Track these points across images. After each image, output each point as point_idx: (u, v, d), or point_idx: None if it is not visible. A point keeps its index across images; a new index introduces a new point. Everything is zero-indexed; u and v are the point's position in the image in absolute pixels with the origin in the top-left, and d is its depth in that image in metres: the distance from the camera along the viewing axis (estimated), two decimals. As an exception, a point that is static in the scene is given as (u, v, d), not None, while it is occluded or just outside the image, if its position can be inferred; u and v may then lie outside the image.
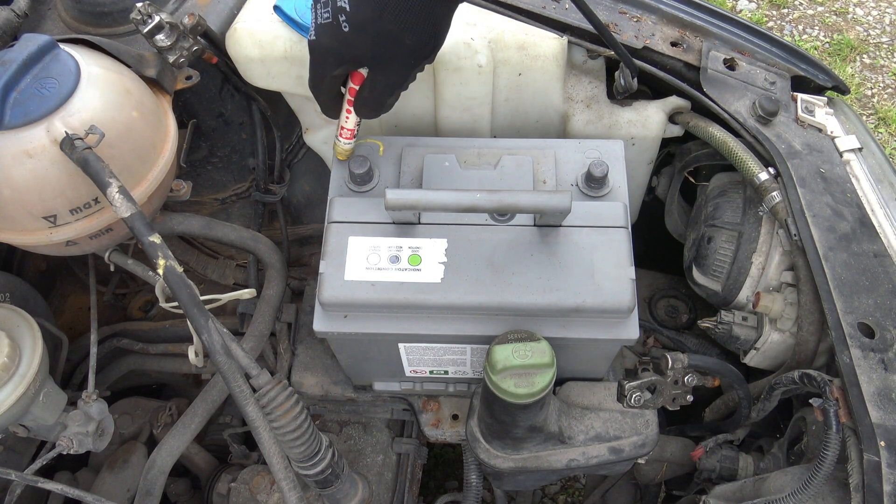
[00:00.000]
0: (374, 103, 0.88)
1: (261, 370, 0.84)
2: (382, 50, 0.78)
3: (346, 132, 0.97)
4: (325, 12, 0.78)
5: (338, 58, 0.81)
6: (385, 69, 0.82)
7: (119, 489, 1.20)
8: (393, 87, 0.85)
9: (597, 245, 0.92)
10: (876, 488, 0.80)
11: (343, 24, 0.77)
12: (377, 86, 0.85)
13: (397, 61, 0.81)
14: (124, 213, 0.80)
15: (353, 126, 0.96)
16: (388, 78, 0.83)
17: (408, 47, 0.78)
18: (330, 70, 0.83)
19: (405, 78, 0.84)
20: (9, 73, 0.81)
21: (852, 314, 0.92)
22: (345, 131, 0.96)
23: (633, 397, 1.00)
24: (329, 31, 0.78)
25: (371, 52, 0.79)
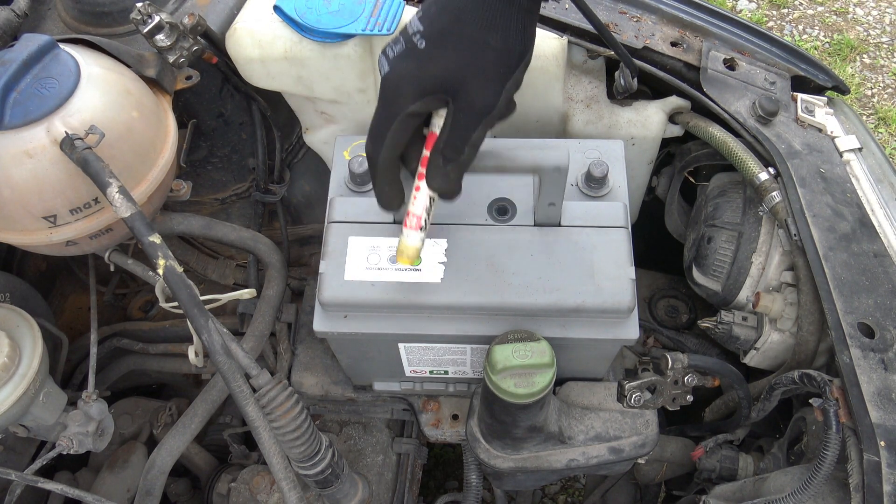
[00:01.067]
0: (457, 141, 0.69)
1: (261, 370, 0.84)
2: (466, 58, 0.66)
3: (413, 220, 0.74)
4: (397, 46, 0.68)
5: (417, 82, 0.67)
6: (470, 87, 0.67)
7: (119, 489, 1.20)
8: (481, 113, 0.68)
9: (597, 245, 0.92)
10: (876, 488, 0.80)
11: (419, 43, 0.66)
12: (461, 115, 0.68)
13: (484, 73, 0.67)
14: (124, 213, 0.80)
15: (420, 210, 0.74)
16: (473, 99, 0.67)
17: (494, 51, 0.66)
18: (406, 103, 0.68)
19: (495, 98, 0.68)
20: (9, 73, 0.81)
21: (852, 314, 0.92)
22: (410, 219, 0.74)
23: (633, 397, 1.00)
24: (404, 56, 0.67)
25: (454, 63, 0.66)
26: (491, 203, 0.96)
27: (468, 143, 0.70)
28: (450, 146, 0.70)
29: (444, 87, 0.68)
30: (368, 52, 1.07)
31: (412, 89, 0.68)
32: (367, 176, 0.99)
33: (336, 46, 1.05)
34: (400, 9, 1.04)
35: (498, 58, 0.67)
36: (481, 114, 0.68)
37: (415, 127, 0.71)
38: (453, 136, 0.69)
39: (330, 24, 1.02)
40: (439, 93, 0.68)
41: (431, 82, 0.67)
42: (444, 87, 0.68)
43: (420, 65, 0.67)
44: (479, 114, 0.68)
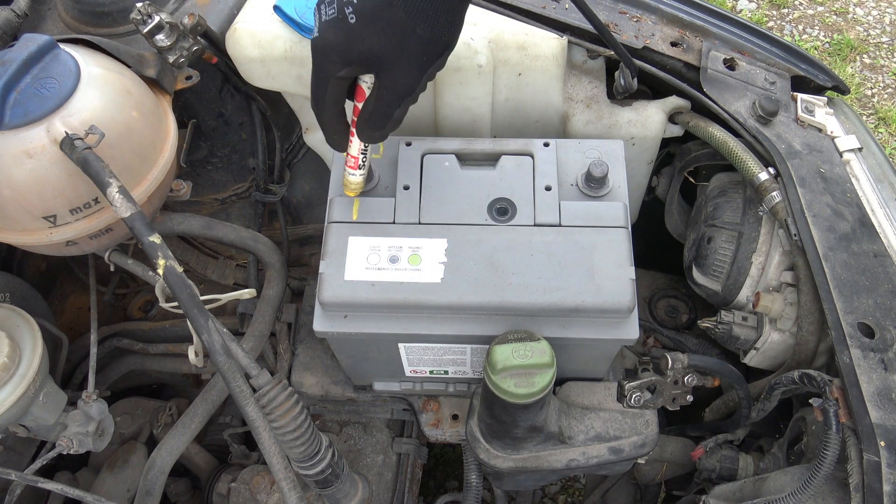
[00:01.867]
0: (380, 116, 0.78)
1: (261, 370, 0.84)
2: (392, 43, 0.71)
3: (351, 160, 0.89)
4: (329, 10, 0.73)
5: (343, 54, 0.73)
6: (394, 69, 0.74)
7: (119, 489, 1.20)
8: (402, 94, 0.76)
9: (597, 245, 0.92)
10: (876, 488, 0.80)
11: (350, 16, 0.71)
12: (384, 93, 0.76)
13: (408, 58, 0.73)
14: (124, 213, 0.80)
15: (356, 153, 0.88)
16: (396, 81, 0.75)
17: (420, 39, 0.71)
18: (335, 69, 0.75)
19: (416, 81, 0.75)
20: (9, 73, 0.81)
21: (852, 314, 0.92)
22: (349, 159, 0.89)
23: (633, 397, 1.00)
24: (334, 25, 0.72)
25: (379, 44, 0.72)
26: (491, 203, 0.96)
27: (390, 118, 0.79)
28: (374, 118, 0.79)
29: (370, 64, 0.74)
30: (368, 52, 1.07)
31: (339, 59, 0.74)
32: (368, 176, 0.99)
33: (336, 46, 1.05)
34: (400, 9, 1.04)
35: (423, 46, 0.72)
36: (403, 94, 0.76)
37: (346, 86, 0.80)
38: (377, 111, 0.78)
39: (330, 24, 1.02)
40: (364, 66, 0.75)
41: (358, 57, 0.74)
42: (369, 63, 0.74)
43: (348, 39, 0.72)
44: (400, 94, 0.76)
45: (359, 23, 0.71)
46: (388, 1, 0.69)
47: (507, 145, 1.02)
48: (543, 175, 0.98)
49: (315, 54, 0.76)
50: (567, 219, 0.94)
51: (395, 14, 0.70)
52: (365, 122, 0.80)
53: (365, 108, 0.80)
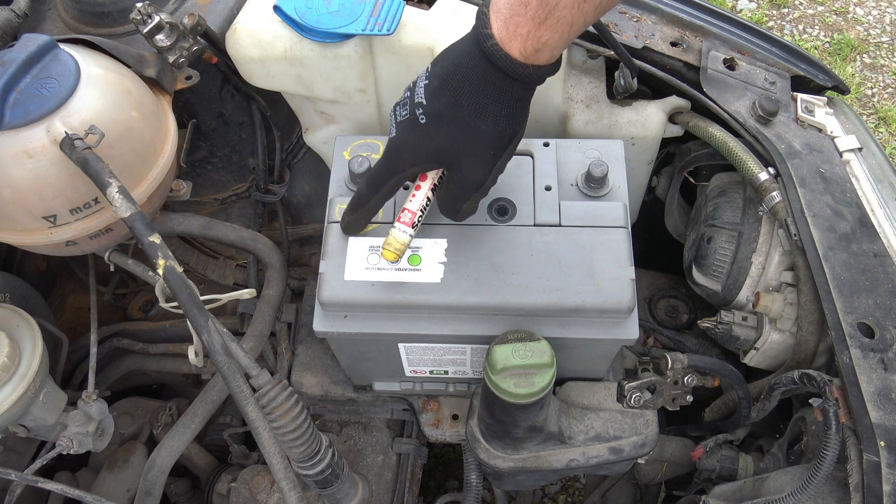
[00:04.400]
0: (450, 209, 0.83)
1: (261, 370, 0.84)
2: (459, 139, 0.75)
3: (408, 216, 0.84)
4: (403, 112, 0.77)
5: (415, 152, 0.77)
6: (462, 165, 0.77)
7: (119, 489, 1.20)
8: (470, 189, 0.79)
9: (597, 245, 0.92)
10: (875, 488, 0.80)
11: (420, 117, 0.75)
12: (452, 187, 0.80)
13: (475, 153, 0.76)
14: (124, 213, 0.80)
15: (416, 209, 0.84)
16: (465, 176, 0.78)
17: (485, 135, 0.74)
18: (405, 166, 0.79)
19: (484, 175, 0.78)
20: (9, 73, 0.81)
21: (852, 314, 0.92)
22: (405, 214, 0.84)
23: (633, 397, 1.00)
24: (407, 126, 0.76)
25: (447, 142, 0.75)
26: (491, 203, 0.96)
27: (458, 211, 0.84)
28: (448, 208, 0.85)
29: (441, 161, 0.78)
30: (368, 52, 1.07)
31: (412, 157, 0.78)
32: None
33: (336, 46, 1.05)
34: (400, 9, 1.04)
35: (488, 140, 0.75)
36: (472, 188, 0.80)
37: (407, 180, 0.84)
38: (449, 202, 0.83)
39: (330, 24, 1.02)
40: (435, 162, 0.79)
41: (427, 155, 0.78)
42: (440, 160, 0.78)
43: (420, 139, 0.76)
44: (470, 188, 0.80)
45: (428, 122, 0.75)
46: (455, 101, 0.73)
47: (507, 145, 1.02)
48: (543, 175, 0.98)
49: (388, 152, 0.80)
50: (567, 219, 0.94)
51: (461, 112, 0.73)
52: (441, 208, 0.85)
53: (439, 198, 0.85)
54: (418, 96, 0.75)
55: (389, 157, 0.80)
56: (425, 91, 0.74)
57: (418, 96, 0.75)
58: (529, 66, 0.70)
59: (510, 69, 0.69)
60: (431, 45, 1.05)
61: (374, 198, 0.84)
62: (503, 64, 0.69)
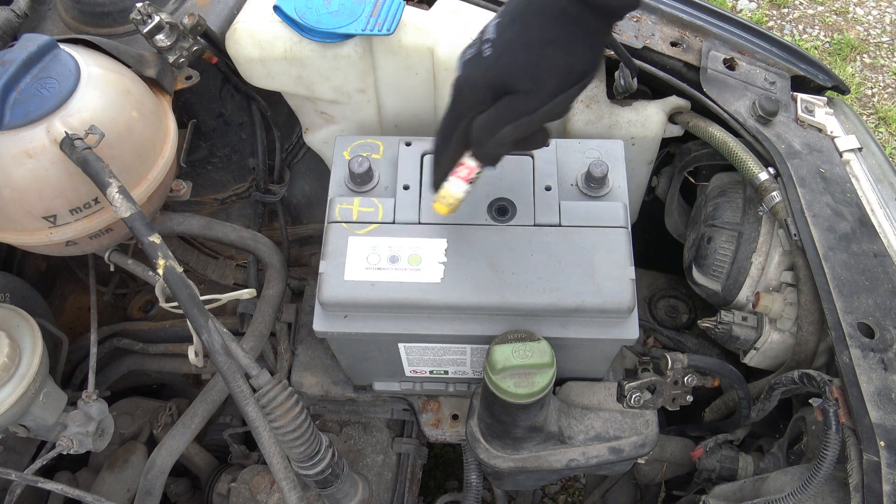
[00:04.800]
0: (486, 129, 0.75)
1: (261, 370, 0.84)
2: (523, 66, 0.70)
3: (465, 171, 0.80)
4: (469, 51, 0.74)
5: (476, 85, 0.73)
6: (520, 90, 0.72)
7: (119, 489, 1.20)
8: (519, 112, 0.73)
9: (597, 245, 0.92)
10: (875, 488, 0.80)
11: (486, 51, 0.72)
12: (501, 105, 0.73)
13: (537, 81, 0.71)
14: (124, 213, 0.80)
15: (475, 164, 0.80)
16: (518, 100, 0.72)
17: (552, 64, 0.70)
18: (467, 106, 0.75)
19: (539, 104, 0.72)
20: (9, 73, 0.81)
21: (852, 314, 0.92)
22: (462, 170, 0.80)
23: (633, 397, 1.00)
24: (472, 62, 0.74)
25: (509, 69, 0.71)
26: (491, 203, 0.96)
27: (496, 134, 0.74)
28: (484, 130, 0.75)
29: (500, 88, 0.72)
30: (368, 52, 1.07)
31: (472, 93, 0.74)
32: (368, 176, 0.99)
33: (336, 46, 1.05)
34: (400, 9, 1.04)
35: (556, 71, 0.70)
36: (521, 112, 0.72)
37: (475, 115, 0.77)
38: (490, 121, 0.74)
39: (330, 24, 1.02)
40: (495, 92, 0.73)
41: (487, 87, 0.73)
42: (499, 87, 0.72)
43: (482, 71, 0.73)
44: (519, 110, 0.72)
45: (494, 54, 0.72)
46: (524, 30, 0.70)
47: (507, 145, 1.02)
48: (543, 175, 0.98)
49: (452, 94, 0.76)
50: (567, 219, 0.94)
51: (529, 40, 0.70)
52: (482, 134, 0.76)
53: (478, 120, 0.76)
54: (487, 33, 0.72)
55: (454, 99, 0.76)
56: (496, 27, 0.72)
57: (487, 33, 0.72)
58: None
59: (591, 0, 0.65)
60: (431, 45, 1.05)
61: (449, 149, 0.79)
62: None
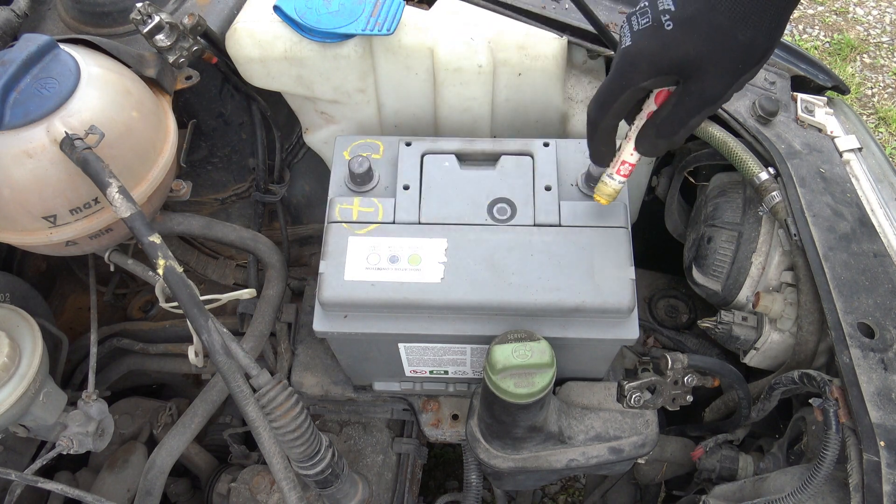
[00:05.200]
0: (675, 122, 0.73)
1: (261, 370, 0.84)
2: (710, 48, 0.66)
3: (626, 167, 0.83)
4: (643, 20, 0.69)
5: (655, 61, 0.69)
6: (705, 76, 0.68)
7: (119, 489, 1.20)
8: (706, 102, 0.70)
9: (597, 245, 0.92)
10: (875, 488, 0.80)
11: (667, 24, 0.67)
12: (687, 98, 0.71)
13: (723, 65, 0.68)
14: (124, 213, 0.80)
15: (633, 160, 0.82)
16: (705, 88, 0.69)
17: (740, 45, 0.66)
18: (640, 78, 0.71)
19: (725, 89, 0.70)
20: (9, 73, 0.81)
21: (852, 314, 0.92)
22: (625, 166, 0.83)
23: (633, 397, 1.00)
24: (649, 33, 0.68)
25: (696, 50, 0.67)
26: (491, 203, 0.96)
27: (685, 125, 0.73)
28: (667, 124, 0.73)
29: (681, 71, 0.69)
30: (368, 52, 1.07)
31: (649, 68, 0.70)
32: (368, 176, 0.99)
33: (336, 46, 1.05)
34: (400, 9, 1.04)
35: (742, 52, 0.67)
36: (707, 102, 0.70)
37: (641, 98, 0.76)
38: (674, 115, 0.72)
39: (330, 24, 1.02)
40: (674, 74, 0.70)
41: (669, 65, 0.69)
42: (681, 70, 0.69)
43: (663, 46, 0.68)
44: (705, 102, 0.70)
45: (676, 29, 0.67)
46: (711, 5, 0.65)
47: (507, 145, 1.02)
48: (543, 175, 0.98)
49: (622, 62, 0.72)
50: (567, 219, 0.94)
51: (718, 18, 0.65)
52: (655, 129, 0.75)
53: (657, 114, 0.75)
54: (664, 3, 0.68)
55: (623, 68, 0.71)
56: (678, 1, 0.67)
57: (664, 3, 0.68)
58: None
59: None
60: (431, 45, 1.05)
61: (607, 118, 0.76)
62: None
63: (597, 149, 0.82)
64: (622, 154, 0.84)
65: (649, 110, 0.78)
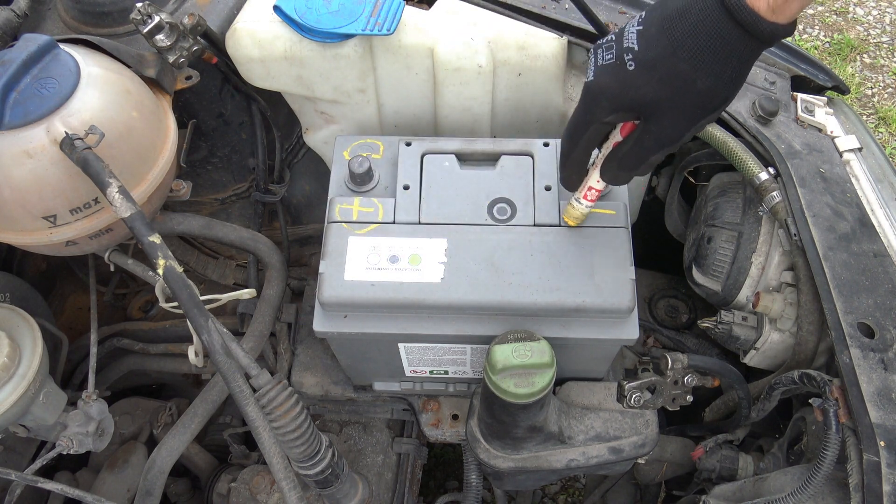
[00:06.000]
0: (635, 159, 0.76)
1: (261, 370, 0.84)
2: (668, 93, 0.69)
3: (593, 193, 0.88)
4: (607, 55, 0.72)
5: (615, 100, 0.72)
6: (663, 118, 0.71)
7: (119, 489, 1.20)
8: (664, 143, 0.73)
9: (597, 245, 0.92)
10: (875, 488, 0.80)
11: (629, 63, 0.69)
12: (647, 137, 0.74)
13: (681, 109, 0.70)
14: (124, 213, 0.80)
15: (599, 186, 0.86)
16: (662, 129, 0.72)
17: (699, 92, 0.68)
18: (602, 115, 0.74)
19: (683, 132, 0.72)
20: (9, 73, 0.81)
21: (852, 314, 0.92)
22: (591, 192, 0.88)
23: (633, 397, 1.00)
24: (611, 71, 0.71)
25: (655, 93, 0.69)
26: (491, 203, 0.96)
27: (645, 161, 0.76)
28: (628, 159, 0.77)
29: (640, 111, 0.72)
30: (368, 52, 1.07)
31: (610, 105, 0.73)
32: (368, 176, 0.99)
33: (336, 46, 1.05)
34: (400, 9, 1.04)
35: (700, 98, 0.69)
36: (666, 143, 0.73)
37: (607, 131, 0.80)
38: (633, 152, 0.76)
39: (330, 24, 1.02)
40: (633, 112, 0.73)
41: (629, 104, 0.72)
42: (639, 110, 0.72)
43: (623, 86, 0.71)
44: (664, 142, 0.73)
45: (637, 70, 0.69)
46: (673, 50, 0.67)
47: (507, 145, 1.02)
48: (543, 175, 0.98)
49: (586, 96, 0.75)
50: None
51: (679, 65, 0.67)
52: (616, 161, 0.79)
53: (619, 149, 0.78)
54: (628, 41, 0.69)
55: (587, 103, 0.75)
56: (638, 36, 0.69)
57: (628, 41, 0.69)
58: (771, 24, 0.63)
59: (752, 25, 0.63)
60: (431, 45, 1.05)
61: (577, 150, 0.80)
62: (745, 18, 0.63)
63: (567, 176, 0.86)
64: (589, 180, 0.87)
65: (615, 140, 0.80)
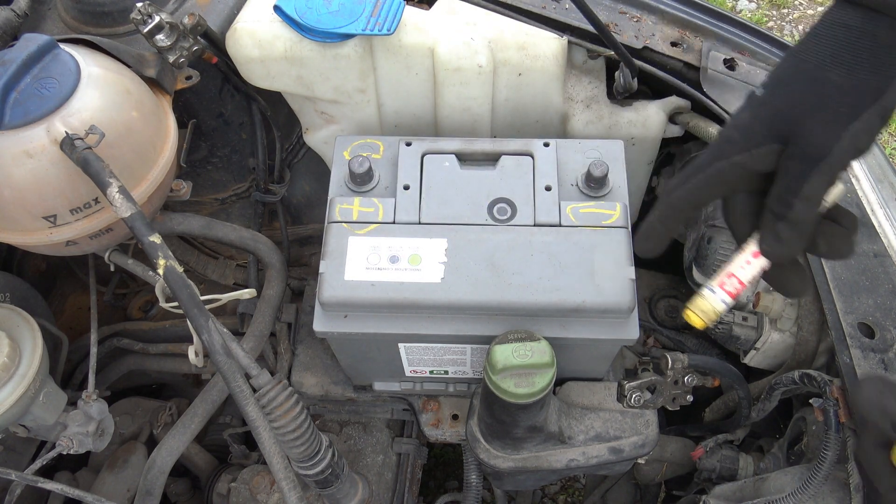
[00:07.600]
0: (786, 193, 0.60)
1: (261, 370, 0.84)
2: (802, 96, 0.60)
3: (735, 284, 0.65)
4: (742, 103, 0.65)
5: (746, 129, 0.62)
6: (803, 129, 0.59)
7: (119, 489, 1.20)
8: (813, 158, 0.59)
9: (597, 245, 0.92)
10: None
11: (757, 90, 0.63)
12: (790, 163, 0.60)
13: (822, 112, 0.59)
14: (124, 213, 0.80)
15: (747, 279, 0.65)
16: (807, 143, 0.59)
17: (836, 87, 0.58)
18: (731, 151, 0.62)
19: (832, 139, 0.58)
20: (9, 73, 0.81)
21: (852, 314, 0.92)
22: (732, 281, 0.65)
23: (633, 397, 1.00)
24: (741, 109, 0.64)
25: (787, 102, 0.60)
26: (491, 203, 0.96)
27: (798, 194, 0.59)
28: (776, 198, 0.61)
29: (776, 133, 0.61)
30: (368, 52, 1.07)
31: (741, 135, 0.63)
32: (368, 176, 0.99)
33: (336, 46, 1.05)
34: (400, 9, 1.04)
35: (840, 94, 0.59)
36: (814, 159, 0.59)
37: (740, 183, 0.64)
38: (780, 186, 0.61)
39: (330, 24, 1.02)
40: (772, 141, 0.61)
41: (760, 126, 0.62)
42: (775, 132, 0.61)
43: (753, 111, 0.63)
44: (810, 158, 0.59)
45: (766, 91, 0.62)
46: (798, 58, 0.61)
47: (507, 145, 1.02)
48: (543, 175, 0.98)
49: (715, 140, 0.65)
50: (567, 219, 0.94)
51: (804, 67, 0.60)
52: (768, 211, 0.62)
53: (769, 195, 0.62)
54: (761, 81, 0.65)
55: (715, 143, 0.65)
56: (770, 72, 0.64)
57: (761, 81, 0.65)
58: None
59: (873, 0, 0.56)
60: (431, 45, 1.05)
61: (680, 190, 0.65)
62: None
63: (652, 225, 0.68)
64: (731, 265, 0.66)
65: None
